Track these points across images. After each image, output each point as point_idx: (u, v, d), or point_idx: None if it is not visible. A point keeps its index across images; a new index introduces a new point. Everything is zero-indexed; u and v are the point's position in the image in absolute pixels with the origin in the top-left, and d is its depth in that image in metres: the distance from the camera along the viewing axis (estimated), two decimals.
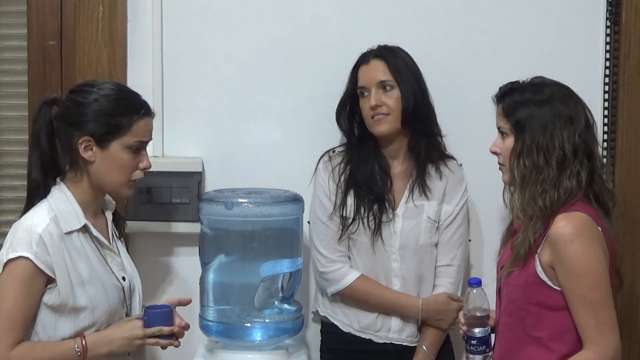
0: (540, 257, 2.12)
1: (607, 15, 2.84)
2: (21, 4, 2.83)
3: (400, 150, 2.65)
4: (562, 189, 2.10)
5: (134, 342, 2.20)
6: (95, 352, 2.16)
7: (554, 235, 2.08)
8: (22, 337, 2.10)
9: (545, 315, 2.13)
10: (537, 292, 2.12)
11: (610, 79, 2.85)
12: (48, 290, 2.12)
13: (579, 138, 2.11)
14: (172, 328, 2.25)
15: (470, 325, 2.23)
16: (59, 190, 2.21)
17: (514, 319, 2.18)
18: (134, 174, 2.25)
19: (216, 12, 2.84)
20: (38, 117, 2.22)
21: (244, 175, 2.84)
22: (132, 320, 2.25)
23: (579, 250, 2.06)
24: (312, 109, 2.84)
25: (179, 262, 2.88)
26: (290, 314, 2.64)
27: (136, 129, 2.21)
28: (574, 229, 2.07)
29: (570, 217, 2.09)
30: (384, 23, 2.83)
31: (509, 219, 2.33)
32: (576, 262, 2.06)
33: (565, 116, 2.12)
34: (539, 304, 2.13)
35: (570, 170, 2.11)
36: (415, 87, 2.58)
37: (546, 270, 2.11)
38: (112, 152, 2.20)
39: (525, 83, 2.22)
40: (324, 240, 2.62)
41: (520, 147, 2.14)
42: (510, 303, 2.20)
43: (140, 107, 2.24)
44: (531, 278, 2.13)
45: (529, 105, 2.15)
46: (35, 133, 2.22)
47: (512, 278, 2.17)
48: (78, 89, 2.27)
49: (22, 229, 2.13)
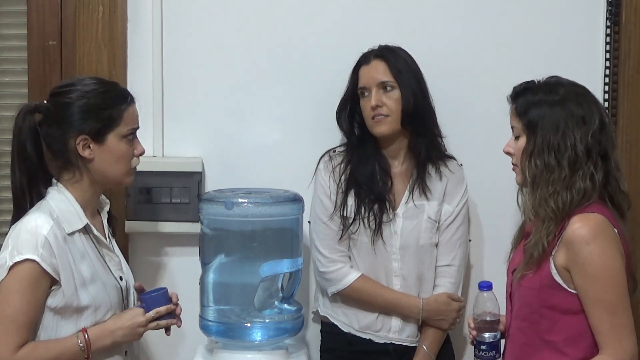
0: (555, 259, 2.08)
1: (607, 15, 2.84)
2: (21, 4, 2.83)
3: (401, 151, 2.65)
4: (575, 190, 2.07)
5: (137, 329, 2.20)
6: (99, 344, 2.14)
7: (570, 236, 2.05)
8: (27, 340, 2.08)
9: (559, 318, 2.09)
10: (552, 295, 2.09)
11: (610, 79, 2.85)
12: (51, 293, 2.11)
13: (592, 138, 2.08)
14: (169, 306, 2.25)
15: (480, 330, 2.20)
16: (57, 192, 2.20)
17: (528, 323, 2.14)
18: (132, 162, 2.26)
19: (216, 12, 2.84)
20: (22, 126, 2.18)
21: (244, 175, 2.84)
22: (132, 309, 2.24)
23: (595, 251, 2.02)
24: (312, 109, 2.84)
25: (179, 262, 2.87)
26: (290, 314, 2.64)
27: (127, 117, 2.21)
28: (590, 230, 2.03)
29: (586, 218, 2.05)
30: (384, 23, 2.82)
31: (519, 220, 2.29)
32: (593, 264, 2.02)
33: (578, 116, 2.09)
34: (553, 307, 2.09)
35: (583, 171, 2.07)
36: (415, 88, 2.58)
37: (561, 272, 2.07)
38: (110, 145, 2.19)
39: (539, 83, 2.19)
40: (325, 240, 2.62)
41: (532, 147, 2.11)
42: (524, 306, 2.16)
43: (125, 95, 2.25)
44: (545, 280, 2.09)
45: (541, 105, 2.12)
46: (21, 142, 2.18)
47: (526, 281, 2.14)
48: (59, 90, 2.24)
49: (26, 232, 2.10)
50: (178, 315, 2.30)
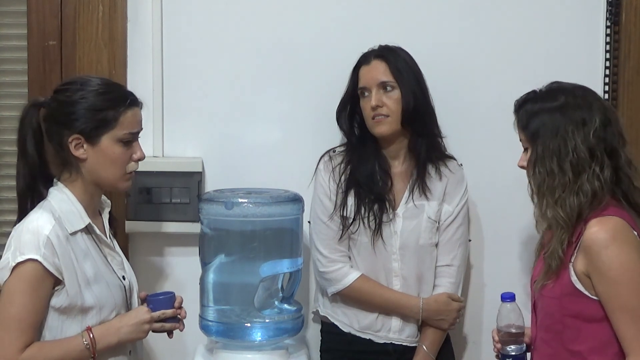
0: (575, 266, 2.04)
1: (607, 15, 2.83)
2: (21, 4, 2.83)
3: (401, 151, 2.64)
4: (582, 193, 2.03)
5: (142, 327, 2.19)
6: (104, 343, 2.14)
7: (588, 241, 2.01)
8: (32, 340, 2.08)
9: (583, 327, 2.05)
10: (574, 303, 2.05)
11: (610, 79, 2.84)
12: (55, 293, 2.10)
13: (594, 137, 2.04)
14: (174, 310, 2.25)
15: (505, 343, 2.16)
16: (58, 191, 2.20)
17: (552, 333, 2.11)
18: (129, 166, 2.23)
19: (216, 12, 2.84)
20: (25, 120, 2.19)
21: (244, 175, 2.84)
22: (137, 308, 2.24)
23: (614, 255, 1.98)
24: (312, 109, 2.84)
25: (179, 262, 2.87)
26: (290, 314, 2.64)
27: (124, 121, 2.18)
28: (607, 234, 1.99)
29: (603, 221, 2.02)
30: (384, 23, 2.82)
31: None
32: (613, 268, 1.98)
33: (577, 119, 2.06)
34: (576, 316, 2.06)
35: (588, 173, 2.04)
36: (415, 88, 2.58)
37: (582, 279, 2.04)
38: (104, 147, 2.17)
39: (539, 92, 2.16)
40: (325, 240, 2.62)
41: (535, 156, 2.09)
42: (547, 317, 2.12)
43: (125, 98, 2.21)
44: (566, 289, 2.05)
45: (541, 114, 2.10)
46: (22, 137, 2.18)
47: (547, 291, 2.10)
48: (62, 87, 2.24)
49: (29, 232, 2.10)
50: (182, 320, 2.30)
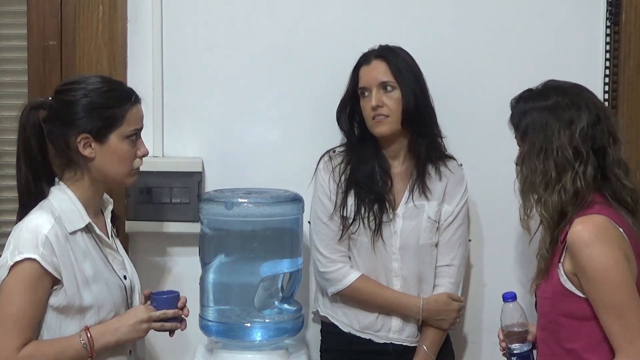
0: (564, 266, 2.06)
1: (607, 15, 2.83)
2: (21, 4, 2.83)
3: (401, 151, 2.64)
4: (563, 192, 2.05)
5: (140, 326, 2.19)
6: (102, 342, 2.13)
7: (571, 240, 2.03)
8: (30, 339, 2.07)
9: (576, 325, 2.07)
10: (565, 302, 2.07)
11: (610, 79, 2.85)
12: (54, 292, 2.10)
13: (580, 136, 2.05)
14: (176, 311, 2.25)
15: (510, 341, 2.19)
16: (60, 191, 2.20)
17: (548, 332, 2.13)
18: (134, 162, 2.25)
19: (216, 12, 2.84)
20: (27, 122, 2.18)
21: (244, 175, 2.84)
22: (136, 307, 2.24)
23: (595, 253, 1.99)
24: (312, 109, 2.84)
25: (179, 262, 2.87)
26: (290, 314, 2.64)
27: (130, 118, 2.20)
28: (589, 233, 2.01)
29: (585, 220, 2.03)
30: (384, 23, 2.82)
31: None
32: (594, 267, 1.99)
33: (565, 118, 2.07)
34: (568, 315, 2.08)
35: (571, 172, 2.05)
36: (416, 88, 2.58)
37: (570, 278, 2.05)
38: (112, 145, 2.18)
39: (534, 90, 2.17)
40: (325, 240, 2.62)
41: (521, 155, 2.11)
42: (542, 317, 2.15)
43: (130, 95, 2.23)
44: (557, 288, 2.08)
45: (531, 112, 2.12)
46: (25, 138, 2.18)
47: (541, 291, 2.14)
48: (64, 88, 2.24)
49: (27, 231, 2.10)
50: (184, 320, 2.30)
